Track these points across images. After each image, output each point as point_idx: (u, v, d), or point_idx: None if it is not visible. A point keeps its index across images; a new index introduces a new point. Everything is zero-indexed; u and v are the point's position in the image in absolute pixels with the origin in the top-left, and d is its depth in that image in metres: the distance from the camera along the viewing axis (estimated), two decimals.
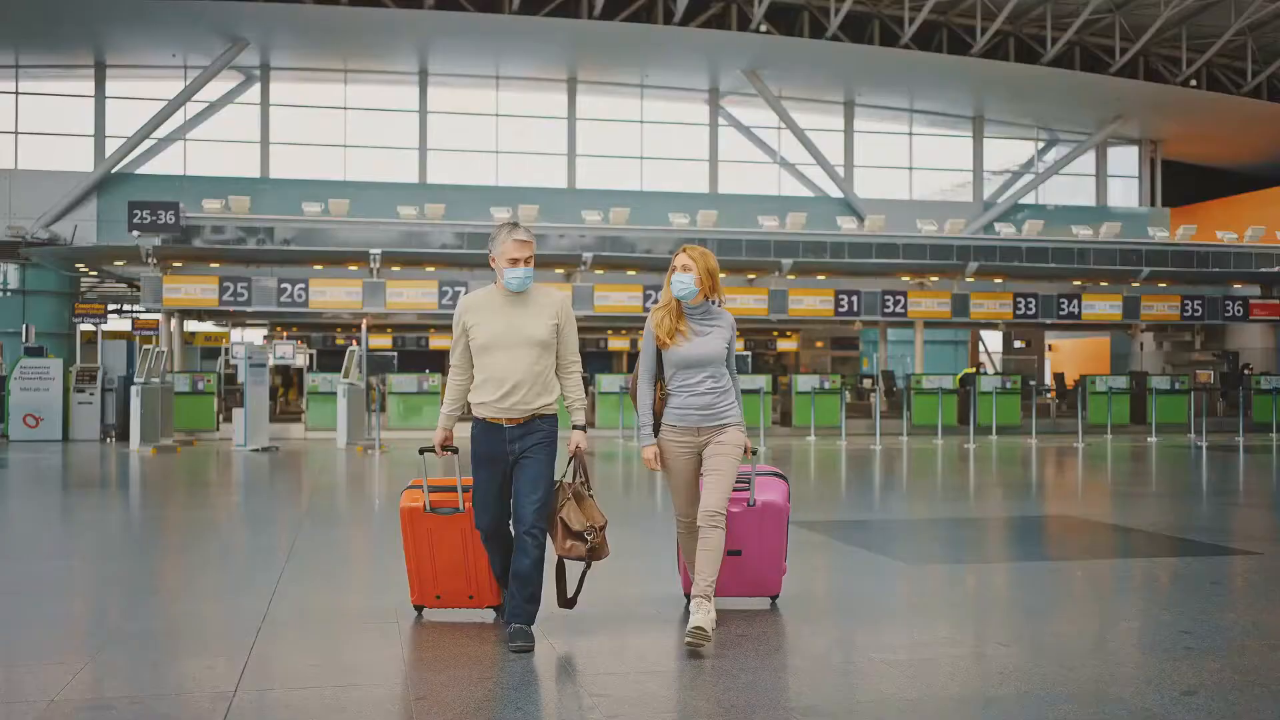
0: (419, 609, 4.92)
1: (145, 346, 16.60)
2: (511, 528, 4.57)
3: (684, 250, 4.64)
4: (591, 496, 4.56)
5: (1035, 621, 5.17)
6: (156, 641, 4.73)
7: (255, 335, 30.29)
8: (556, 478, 4.53)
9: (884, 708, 3.71)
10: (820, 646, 4.57)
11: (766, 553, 4.96)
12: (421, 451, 4.86)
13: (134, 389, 15.38)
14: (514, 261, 4.46)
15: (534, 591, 4.45)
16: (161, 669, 4.29)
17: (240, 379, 15.87)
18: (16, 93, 28.96)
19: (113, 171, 28.21)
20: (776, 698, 3.75)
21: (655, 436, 4.68)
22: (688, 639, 4.25)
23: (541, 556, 4.41)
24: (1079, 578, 6.29)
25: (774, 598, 5.17)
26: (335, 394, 17.29)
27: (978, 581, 6.24)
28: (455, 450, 4.69)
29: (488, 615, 4.88)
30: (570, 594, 4.66)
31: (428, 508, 4.70)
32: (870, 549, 7.14)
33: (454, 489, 4.74)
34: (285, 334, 28.42)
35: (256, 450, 15.28)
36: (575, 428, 4.60)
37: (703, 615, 4.32)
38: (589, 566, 4.66)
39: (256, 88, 29.78)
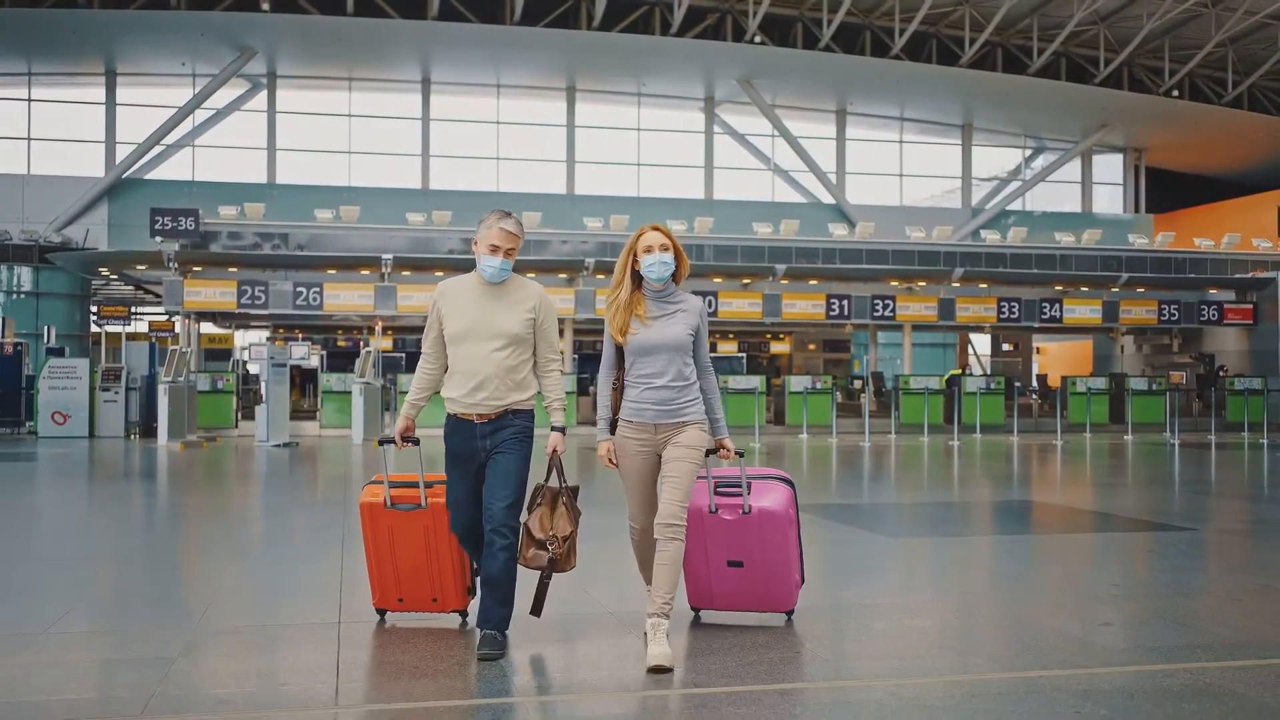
0: (381, 613, 4.68)
1: (172, 347, 17.39)
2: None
3: (653, 228, 4.27)
4: (570, 503, 4.27)
5: (996, 578, 6.12)
6: (259, 591, 5.68)
7: (258, 336, 31.08)
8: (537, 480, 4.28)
9: (862, 632, 4.63)
10: (810, 595, 5.28)
11: (772, 564, 4.53)
12: (381, 443, 4.58)
13: (161, 387, 16.19)
14: (494, 249, 4.22)
15: (505, 595, 4.18)
16: (271, 608, 5.23)
17: (263, 378, 16.67)
18: (29, 99, 29.73)
19: (123, 177, 28.98)
20: (772, 627, 4.59)
21: (612, 432, 4.32)
22: (649, 671, 3.92)
23: (513, 558, 4.17)
24: (1029, 548, 7.17)
25: (789, 613, 4.72)
26: (349, 393, 18.17)
27: (952, 551, 7.13)
28: (417, 441, 4.43)
29: (453, 620, 4.64)
30: (534, 606, 4.26)
31: (388, 503, 4.48)
32: (858, 526, 8.01)
33: (415, 484, 4.51)
34: (300, 334, 29.15)
35: (278, 446, 16.10)
36: (554, 429, 4.27)
37: (660, 644, 3.96)
38: (548, 578, 4.24)
39: (263, 95, 30.57)
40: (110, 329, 21.13)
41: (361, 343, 27.68)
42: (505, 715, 3.54)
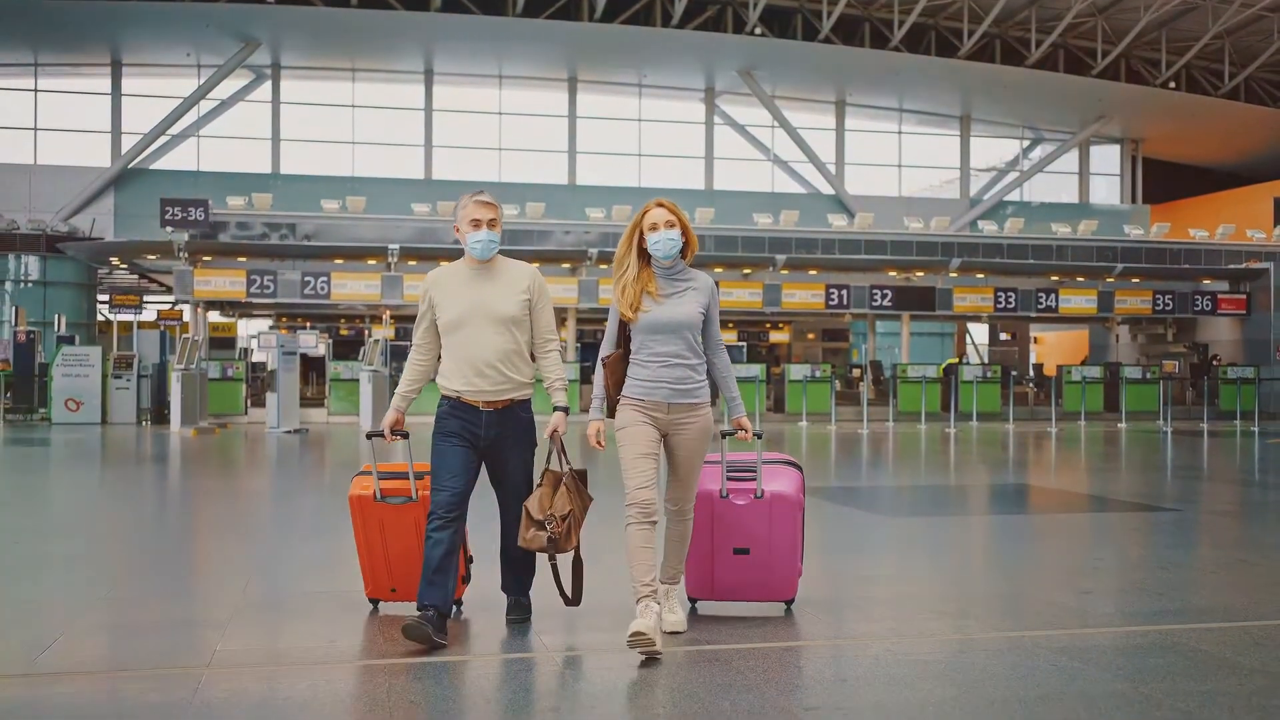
0: (374, 603, 4.62)
1: (184, 335, 17.70)
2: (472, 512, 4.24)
3: (658, 204, 4.12)
4: (575, 486, 4.18)
5: (990, 554, 6.51)
6: (293, 564, 6.05)
7: (261, 325, 31.40)
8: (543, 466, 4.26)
9: (861, 600, 5.00)
10: (810, 568, 5.59)
11: (778, 550, 4.46)
12: (369, 436, 4.50)
13: (174, 374, 16.51)
14: (476, 224, 4.17)
15: (526, 565, 4.39)
16: (306, 579, 5.58)
17: (274, 366, 17.00)
18: (35, 90, 29.99)
19: (129, 167, 29.26)
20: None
21: (608, 415, 4.18)
22: (668, 629, 4.10)
23: None
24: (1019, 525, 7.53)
25: (789, 602, 4.64)
26: (357, 380, 18.52)
27: (948, 530, 7.49)
28: (406, 435, 4.38)
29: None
30: (563, 592, 4.27)
31: (378, 496, 4.39)
32: (857, 507, 8.36)
33: (405, 476, 4.42)
34: (308, 324, 29.45)
35: (288, 432, 16.44)
36: (556, 409, 4.26)
37: (675, 610, 4.19)
38: (577, 558, 4.25)
39: (267, 85, 30.84)
40: (122, 318, 21.37)
41: (366, 332, 28.02)
42: (535, 666, 3.88)
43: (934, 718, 3.26)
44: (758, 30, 28.95)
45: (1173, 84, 32.19)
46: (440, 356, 4.30)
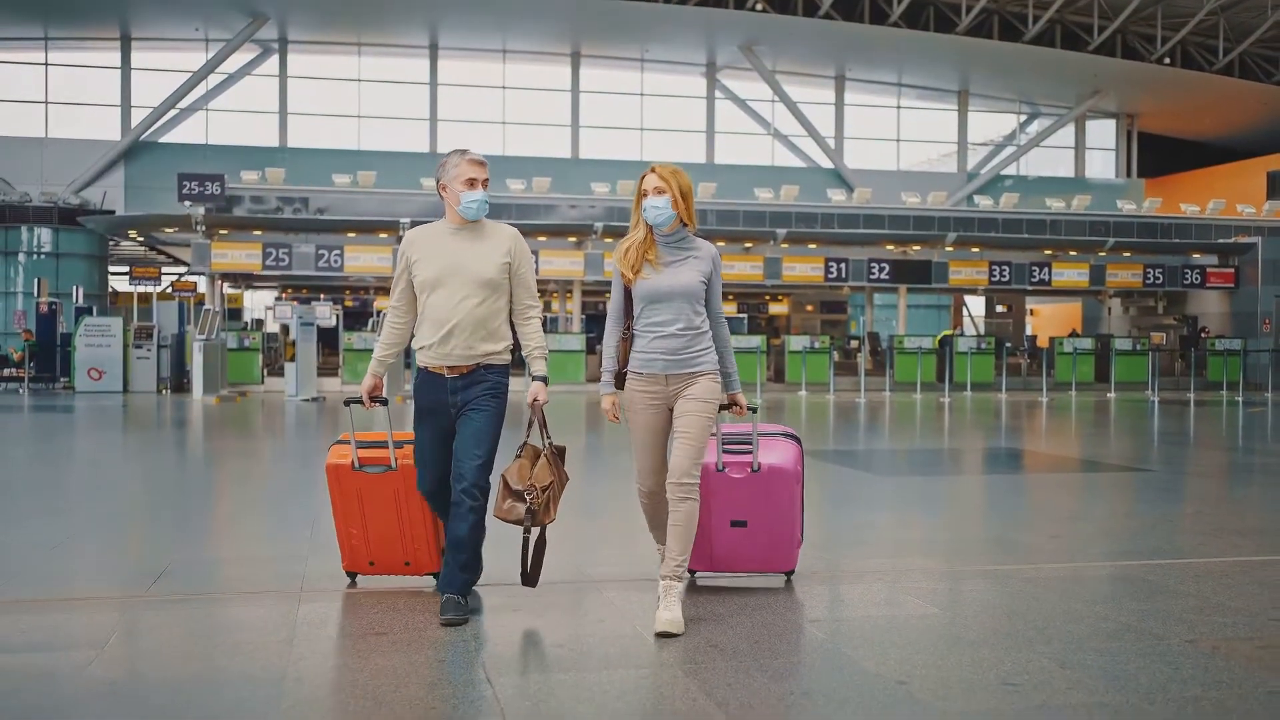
0: (352, 576, 4.51)
1: (205, 306, 18.30)
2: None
3: (653, 170, 4.02)
4: (554, 457, 4.08)
5: (968, 505, 7.13)
6: None
7: (267, 297, 31.96)
8: (523, 439, 4.12)
9: (857, 543, 5.64)
10: (810, 518, 6.19)
11: (776, 523, 4.42)
12: (347, 403, 4.40)
13: (196, 344, 17.14)
14: (472, 183, 4.02)
15: (470, 559, 4.05)
16: None
17: (294, 337, 17.60)
18: (46, 64, 30.39)
19: (138, 140, 29.70)
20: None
21: (619, 386, 4.12)
22: (656, 636, 3.78)
23: (481, 520, 4.02)
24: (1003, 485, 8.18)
25: (789, 573, 4.62)
26: (369, 351, 19.14)
27: (936, 486, 8.13)
28: (384, 401, 4.30)
29: (427, 582, 4.51)
30: (527, 569, 4.07)
31: (356, 465, 4.32)
32: (852, 467, 9.01)
33: (384, 445, 4.34)
34: (322, 295, 29.98)
35: (306, 400, 17.08)
36: (535, 379, 4.10)
37: (670, 609, 3.83)
38: (540, 537, 4.04)
39: (274, 60, 31.24)
40: (142, 289, 21.91)
41: (374, 303, 28.62)
42: (569, 591, 4.51)
43: (916, 627, 3.91)
44: (758, 6, 29.34)
45: (1168, 59, 32.61)
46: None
